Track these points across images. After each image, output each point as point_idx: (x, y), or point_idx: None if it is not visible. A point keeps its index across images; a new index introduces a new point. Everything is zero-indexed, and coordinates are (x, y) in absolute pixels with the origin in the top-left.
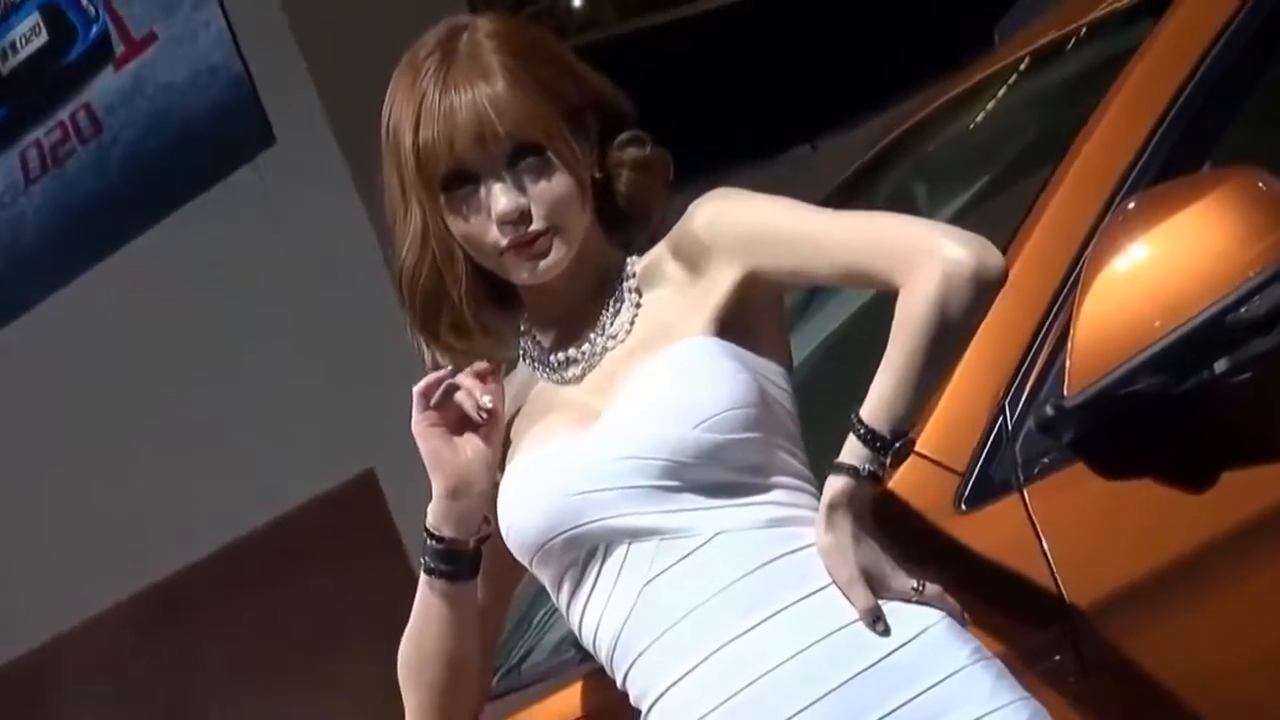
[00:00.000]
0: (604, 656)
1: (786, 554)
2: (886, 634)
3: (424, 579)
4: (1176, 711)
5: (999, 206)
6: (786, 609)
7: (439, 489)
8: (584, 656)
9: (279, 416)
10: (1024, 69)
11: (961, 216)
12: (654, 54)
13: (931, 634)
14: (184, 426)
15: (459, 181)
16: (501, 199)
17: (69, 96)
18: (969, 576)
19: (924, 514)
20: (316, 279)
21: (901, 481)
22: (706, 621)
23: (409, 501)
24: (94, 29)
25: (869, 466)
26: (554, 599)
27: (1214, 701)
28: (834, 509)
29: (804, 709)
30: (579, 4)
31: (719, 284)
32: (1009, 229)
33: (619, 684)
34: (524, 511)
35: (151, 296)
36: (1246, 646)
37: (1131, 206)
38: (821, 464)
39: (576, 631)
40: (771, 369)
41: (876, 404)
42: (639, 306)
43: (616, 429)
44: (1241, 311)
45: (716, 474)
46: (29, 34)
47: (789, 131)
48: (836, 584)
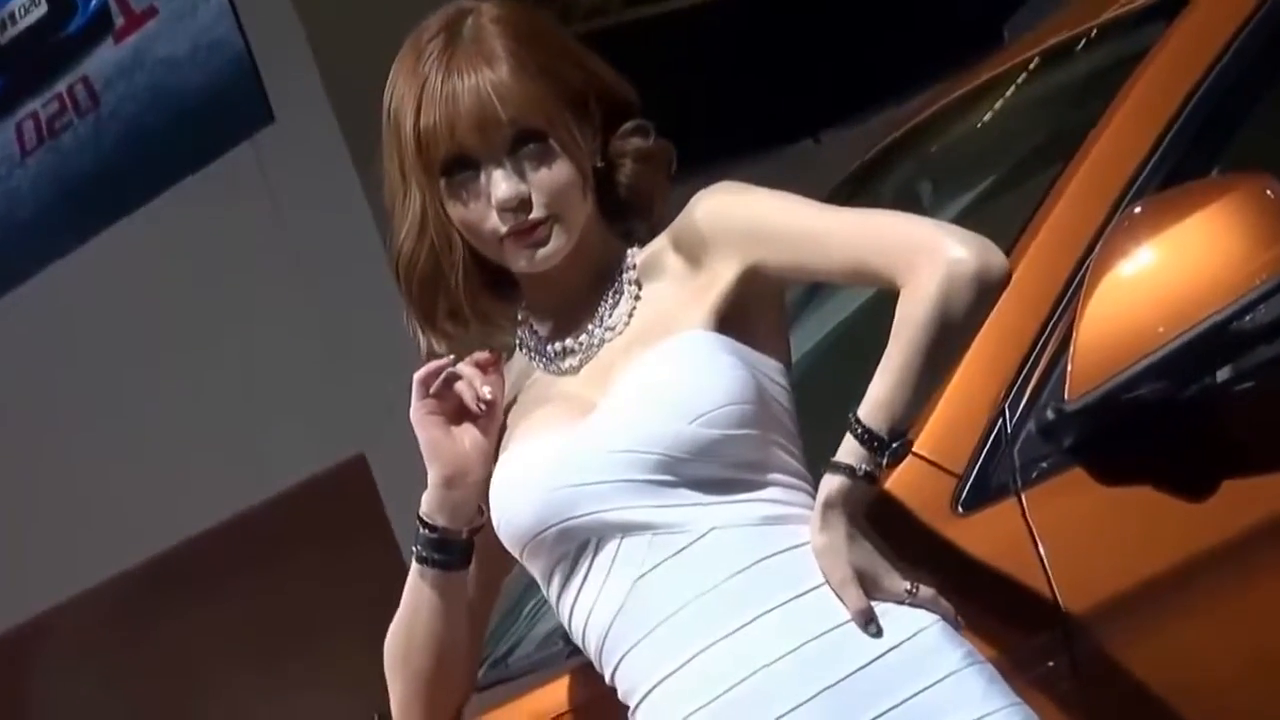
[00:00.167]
0: (592, 651)
1: (780, 552)
2: (879, 636)
3: (415, 568)
4: (1169, 719)
5: (1004, 207)
6: (779, 607)
7: (435, 478)
8: (572, 650)
9: (271, 396)
10: (1033, 69)
11: (966, 216)
12: (658, 43)
13: (924, 637)
14: (176, 405)
15: (459, 167)
16: (502, 185)
17: (67, 69)
18: (964, 579)
19: (920, 515)
20: (313, 261)
21: (898, 482)
22: (698, 618)
23: (399, 486)
24: (94, 1)
25: (865, 467)
26: (544, 591)
27: (1207, 710)
28: (829, 508)
29: (793, 709)
30: None
31: (719, 278)
32: (1014, 230)
33: (607, 679)
34: (516, 502)
35: (145, 273)
36: (1241, 656)
37: (1138, 211)
38: (819, 462)
39: (565, 625)
40: (770, 365)
41: (875, 404)
42: (638, 298)
43: (612, 422)
44: (1246, 319)
45: (712, 470)
46: (28, 4)
47: (793, 125)
48: (830, 584)
